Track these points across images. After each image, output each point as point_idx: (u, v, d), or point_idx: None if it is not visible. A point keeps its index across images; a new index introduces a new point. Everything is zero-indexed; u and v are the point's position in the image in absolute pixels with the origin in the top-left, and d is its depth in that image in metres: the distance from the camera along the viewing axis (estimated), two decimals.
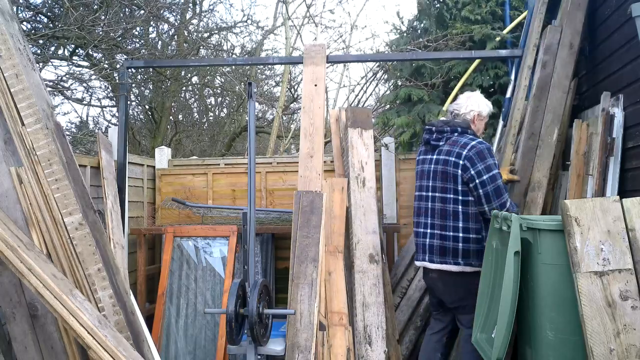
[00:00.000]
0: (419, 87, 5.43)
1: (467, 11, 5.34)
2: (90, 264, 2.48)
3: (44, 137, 2.49)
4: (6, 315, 2.50)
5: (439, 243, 3.06)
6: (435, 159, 3.08)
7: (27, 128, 2.47)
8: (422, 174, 3.16)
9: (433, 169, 3.08)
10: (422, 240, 3.14)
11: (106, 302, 2.49)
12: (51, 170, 2.47)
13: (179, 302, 4.28)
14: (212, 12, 8.89)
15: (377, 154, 5.23)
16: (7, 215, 2.43)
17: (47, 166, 2.47)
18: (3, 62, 2.50)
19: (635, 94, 3.18)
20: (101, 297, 2.49)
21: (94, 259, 2.49)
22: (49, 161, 2.48)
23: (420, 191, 3.17)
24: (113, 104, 7.07)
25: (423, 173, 3.15)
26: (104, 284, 2.49)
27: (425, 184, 3.12)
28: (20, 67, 2.51)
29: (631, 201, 2.52)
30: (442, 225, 3.04)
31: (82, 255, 2.48)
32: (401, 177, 5.34)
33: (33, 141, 2.48)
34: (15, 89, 2.49)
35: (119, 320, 2.50)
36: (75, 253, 2.48)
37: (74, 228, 2.49)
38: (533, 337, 2.75)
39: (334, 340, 3.36)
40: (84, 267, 2.47)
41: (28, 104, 2.49)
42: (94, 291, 2.48)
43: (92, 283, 2.48)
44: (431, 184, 3.09)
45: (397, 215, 5.26)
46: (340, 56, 7.57)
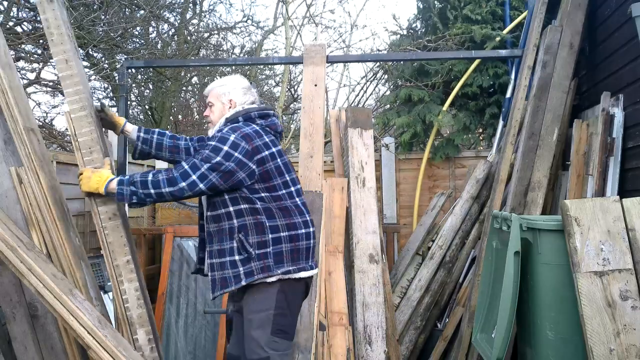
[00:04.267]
0: (419, 87, 5.43)
1: (468, 11, 5.34)
2: (120, 255, 2.46)
3: (87, 125, 2.49)
4: (6, 315, 2.50)
5: None
6: (282, 149, 2.51)
7: (71, 114, 2.48)
8: (287, 166, 2.44)
9: (288, 161, 2.50)
10: (313, 241, 2.45)
11: (131, 295, 2.47)
12: (91, 158, 2.47)
13: (179, 302, 4.28)
14: (212, 12, 8.88)
15: (377, 154, 5.24)
16: (7, 215, 2.43)
17: (87, 153, 2.47)
18: (54, 46, 2.51)
19: (635, 94, 3.18)
20: (126, 288, 2.46)
21: (124, 250, 2.47)
22: (90, 149, 2.48)
23: (295, 185, 2.43)
24: (113, 104, 7.06)
25: (290, 164, 2.47)
26: (131, 276, 2.47)
27: (295, 176, 2.47)
28: (70, 53, 2.52)
29: (631, 201, 2.52)
30: None
31: (113, 246, 2.46)
32: (401, 177, 5.35)
33: (76, 128, 2.48)
34: (63, 74, 2.50)
35: (142, 313, 2.47)
36: (105, 243, 2.46)
37: (107, 217, 2.47)
38: (533, 337, 2.75)
39: (334, 340, 3.36)
40: (112, 258, 2.45)
41: (75, 90, 2.50)
42: (120, 282, 2.46)
43: (119, 274, 2.45)
44: (295, 177, 2.49)
45: (397, 215, 5.27)
46: (340, 56, 7.57)
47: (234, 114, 2.45)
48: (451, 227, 4.16)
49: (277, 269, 2.27)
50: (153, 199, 2.27)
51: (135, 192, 2.26)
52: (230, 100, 2.49)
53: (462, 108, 5.52)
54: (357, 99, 7.91)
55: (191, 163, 2.24)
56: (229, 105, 2.49)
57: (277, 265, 2.27)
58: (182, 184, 2.21)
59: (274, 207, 2.32)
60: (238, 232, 2.28)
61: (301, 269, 2.33)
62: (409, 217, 5.21)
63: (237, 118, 2.43)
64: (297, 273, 2.32)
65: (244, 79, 2.63)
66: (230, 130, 2.32)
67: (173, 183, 2.22)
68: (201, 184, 2.21)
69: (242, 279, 2.26)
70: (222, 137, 2.28)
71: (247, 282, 2.26)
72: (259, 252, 2.26)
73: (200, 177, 2.21)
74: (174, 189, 2.22)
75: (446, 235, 4.14)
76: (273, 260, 2.27)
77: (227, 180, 2.24)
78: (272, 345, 2.26)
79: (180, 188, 2.22)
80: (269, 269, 2.26)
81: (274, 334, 2.27)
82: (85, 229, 4.00)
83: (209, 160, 2.22)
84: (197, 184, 2.21)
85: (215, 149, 2.24)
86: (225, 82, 2.54)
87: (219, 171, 2.21)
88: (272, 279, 2.27)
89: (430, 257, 4.13)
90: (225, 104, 2.49)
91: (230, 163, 2.22)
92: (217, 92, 2.51)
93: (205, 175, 2.21)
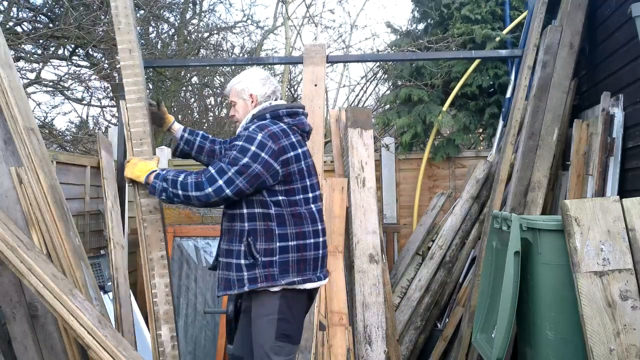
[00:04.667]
0: (419, 87, 5.43)
1: (467, 11, 5.34)
2: (155, 250, 2.47)
3: (141, 117, 2.50)
4: (6, 315, 2.50)
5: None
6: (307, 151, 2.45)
7: (127, 104, 2.49)
8: (310, 169, 2.39)
9: (313, 163, 2.47)
10: (326, 250, 2.40)
11: (160, 290, 2.46)
12: (140, 150, 2.48)
13: (179, 302, 4.28)
14: (212, 12, 8.89)
15: (377, 154, 5.23)
16: (7, 215, 2.43)
17: (137, 144, 2.48)
18: (120, 35, 2.54)
19: (635, 94, 3.18)
20: (157, 283, 2.46)
21: (159, 245, 2.47)
22: (141, 140, 2.49)
23: (314, 191, 2.38)
24: (113, 104, 7.06)
25: (314, 167, 2.46)
26: (163, 271, 2.47)
27: (316, 180, 2.45)
28: (134, 43, 2.54)
29: (631, 201, 2.52)
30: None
31: (149, 239, 2.46)
32: (401, 177, 5.34)
33: (130, 117, 2.49)
34: (125, 63, 2.52)
35: (168, 310, 2.47)
36: (143, 236, 2.47)
37: (147, 210, 2.47)
38: (533, 337, 2.75)
39: (334, 340, 3.37)
40: (147, 251, 2.46)
41: (134, 80, 2.52)
42: (151, 277, 2.46)
43: (151, 268, 2.46)
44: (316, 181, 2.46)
45: (397, 215, 5.26)
46: (340, 56, 7.57)
47: (261, 110, 2.37)
48: (451, 227, 4.16)
49: (282, 279, 2.22)
50: (180, 200, 2.23)
51: (166, 189, 2.23)
52: (250, 95, 2.41)
53: (462, 108, 5.51)
54: (357, 99, 7.91)
55: (218, 167, 2.19)
56: (250, 100, 2.41)
57: (282, 275, 2.22)
58: (209, 189, 2.16)
59: (287, 213, 2.26)
60: (247, 236, 2.24)
61: (307, 280, 2.27)
62: (409, 217, 5.21)
63: (264, 115, 2.35)
64: (302, 284, 2.26)
65: (260, 70, 2.56)
66: (257, 128, 2.25)
67: (200, 187, 2.17)
68: (227, 189, 2.16)
69: (245, 284, 2.22)
70: (249, 136, 2.22)
71: (249, 289, 2.23)
72: (264, 259, 2.22)
73: (227, 182, 2.15)
74: (200, 193, 2.17)
75: (446, 235, 4.14)
76: (278, 270, 2.22)
77: (253, 184, 2.18)
78: (275, 350, 2.23)
79: (206, 193, 2.16)
80: (273, 278, 2.21)
81: (278, 338, 2.24)
82: (85, 229, 4.00)
83: (237, 162, 2.16)
84: (224, 189, 2.15)
85: (242, 149, 2.19)
86: (241, 78, 2.46)
87: (246, 175, 2.15)
88: (275, 288, 2.23)
89: (430, 257, 4.13)
90: (246, 100, 2.42)
91: (257, 165, 2.16)
92: (236, 90, 2.44)
93: (232, 180, 2.15)
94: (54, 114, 13.75)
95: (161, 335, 2.46)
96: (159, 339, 2.46)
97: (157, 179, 2.27)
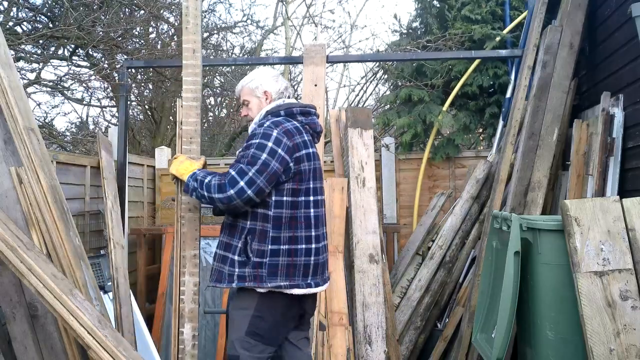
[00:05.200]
0: (420, 87, 5.43)
1: (467, 11, 5.34)
2: (189, 248, 2.49)
3: (195, 116, 2.54)
4: (6, 315, 2.49)
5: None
6: (316, 152, 2.45)
7: (183, 102, 2.54)
8: (316, 172, 2.38)
9: (320, 167, 2.44)
10: (323, 257, 2.38)
11: (189, 289, 2.48)
12: (189, 148, 2.51)
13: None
14: (212, 12, 8.88)
15: (377, 154, 5.24)
16: (7, 215, 2.43)
17: (187, 142, 2.51)
18: (187, 34, 2.57)
19: (635, 94, 3.18)
20: (186, 281, 2.48)
21: (194, 244, 2.50)
22: (191, 139, 2.51)
23: (316, 195, 2.36)
24: (113, 104, 7.06)
25: (320, 171, 2.45)
26: (194, 270, 2.49)
27: (322, 185, 2.44)
28: (198, 44, 2.58)
29: (631, 201, 2.52)
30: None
31: (185, 237, 2.48)
32: (401, 177, 5.34)
33: (184, 116, 2.53)
34: (187, 62, 2.56)
35: (193, 309, 2.49)
36: (179, 232, 2.50)
37: (187, 208, 2.50)
38: (533, 337, 2.75)
39: (334, 340, 3.36)
40: (182, 248, 2.48)
41: (193, 80, 2.56)
42: (182, 274, 2.48)
43: (183, 265, 2.48)
44: (322, 185, 2.46)
45: (397, 215, 5.27)
46: (340, 56, 7.57)
47: (275, 107, 2.38)
48: (451, 227, 4.16)
49: (269, 281, 2.21)
50: (206, 201, 2.25)
51: (196, 189, 2.25)
52: (265, 92, 2.42)
53: (462, 108, 5.52)
54: (357, 99, 7.91)
55: (238, 168, 2.18)
56: (265, 98, 2.42)
57: (269, 277, 2.21)
58: (231, 192, 2.14)
59: (286, 215, 2.25)
60: (247, 234, 2.25)
61: (295, 285, 2.25)
62: (409, 217, 5.21)
63: (278, 112, 2.36)
64: (289, 289, 2.24)
65: (270, 69, 2.59)
66: (272, 124, 2.25)
67: (222, 189, 2.16)
68: (249, 190, 2.14)
69: (234, 280, 2.24)
70: (265, 133, 2.21)
71: (237, 286, 2.25)
72: (255, 260, 2.22)
73: (249, 183, 2.14)
74: (222, 195, 2.16)
75: (446, 235, 4.14)
76: (267, 272, 2.21)
77: (271, 182, 2.19)
78: (244, 345, 2.24)
79: (229, 196, 2.14)
80: (261, 279, 2.21)
81: (248, 334, 2.25)
82: (85, 229, 3.99)
83: (255, 161, 2.16)
84: (245, 190, 2.14)
85: (259, 146, 2.18)
86: (254, 77, 2.47)
87: (266, 173, 2.15)
88: (261, 290, 2.23)
89: (430, 257, 4.13)
90: (261, 98, 2.42)
91: (275, 162, 2.17)
92: (250, 88, 2.44)
93: (253, 180, 2.14)
94: (54, 114, 13.76)
95: (183, 333, 2.48)
96: (181, 337, 2.48)
97: (192, 178, 2.29)
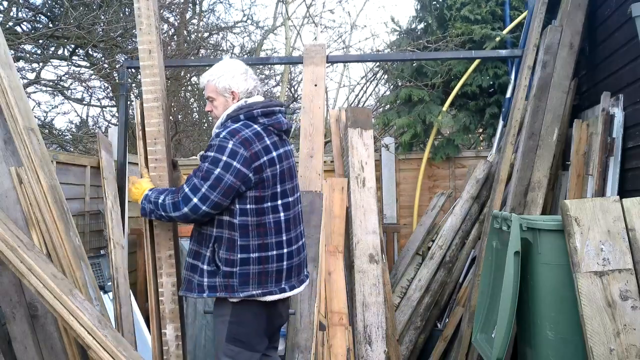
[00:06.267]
0: (420, 87, 5.43)
1: (467, 11, 5.34)
2: (164, 249, 2.49)
3: (157, 116, 2.51)
4: (6, 315, 2.49)
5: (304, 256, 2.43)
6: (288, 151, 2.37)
7: (144, 103, 2.52)
8: (284, 174, 2.29)
9: (291, 166, 2.36)
10: (298, 259, 2.33)
11: (167, 289, 2.48)
12: (154, 149, 2.49)
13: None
14: (212, 12, 8.89)
15: (377, 154, 5.24)
16: (7, 215, 2.43)
17: (151, 144, 2.49)
18: (142, 35, 2.55)
19: (635, 94, 3.18)
20: (164, 282, 2.48)
21: (168, 244, 2.50)
22: (155, 140, 2.49)
23: (285, 197, 2.28)
24: (113, 104, 7.06)
25: (290, 171, 2.34)
26: (171, 270, 2.49)
27: (294, 183, 2.38)
28: (154, 44, 2.56)
29: (631, 201, 2.52)
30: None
31: (159, 238, 2.48)
32: (401, 177, 5.35)
33: (146, 117, 2.51)
34: (144, 63, 2.54)
35: (174, 309, 2.49)
36: (147, 233, 2.51)
37: None
38: (533, 337, 2.75)
39: (334, 340, 3.36)
40: (156, 250, 2.49)
41: (152, 81, 2.54)
42: (159, 275, 2.48)
43: (159, 267, 2.48)
44: (295, 184, 2.40)
45: (397, 215, 5.27)
46: (340, 56, 7.57)
47: (235, 111, 2.28)
48: (451, 227, 4.16)
49: (241, 291, 2.17)
50: (166, 220, 2.24)
51: (153, 210, 2.23)
52: (232, 92, 2.31)
53: (462, 108, 5.52)
54: (357, 99, 7.91)
55: (192, 185, 2.14)
56: (231, 97, 2.31)
57: (241, 286, 2.17)
58: (185, 209, 2.12)
59: (252, 223, 2.19)
60: (214, 242, 2.21)
61: (268, 292, 2.20)
62: (409, 217, 5.21)
63: (238, 116, 2.26)
64: (262, 297, 2.20)
65: (239, 63, 2.44)
66: (228, 135, 2.16)
67: (177, 207, 2.15)
68: (204, 206, 2.11)
69: (205, 290, 2.20)
70: (220, 145, 2.14)
71: (208, 296, 2.21)
72: (225, 269, 2.18)
73: (202, 199, 2.11)
74: (178, 214, 2.15)
75: (446, 235, 4.14)
76: (238, 281, 2.17)
77: (228, 195, 2.13)
78: (227, 352, 2.21)
79: (184, 213, 2.13)
80: (232, 289, 2.17)
81: (229, 341, 2.21)
82: (85, 229, 3.99)
83: (209, 176, 2.11)
84: (200, 206, 2.11)
85: (214, 160, 2.13)
86: (221, 72, 2.32)
87: (220, 188, 2.10)
88: (233, 299, 2.20)
89: (430, 257, 4.13)
90: (227, 97, 2.32)
91: (230, 176, 2.11)
92: (215, 86, 2.32)
93: (207, 196, 2.10)
94: (54, 114, 13.74)
95: (166, 334, 2.47)
96: (164, 338, 2.47)
97: (145, 200, 2.27)
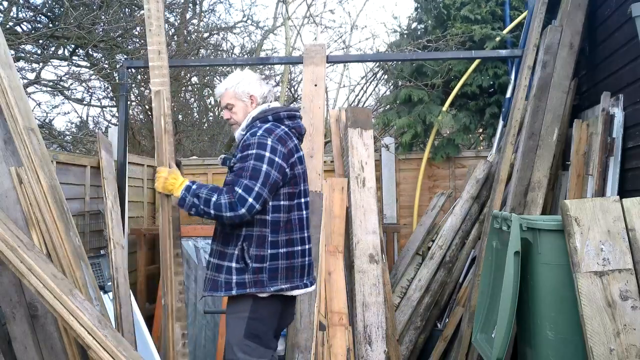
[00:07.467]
0: (419, 87, 5.43)
1: (467, 11, 5.34)
2: (173, 248, 2.53)
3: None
4: (6, 315, 2.49)
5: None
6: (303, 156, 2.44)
7: (153, 102, 2.64)
8: (304, 174, 2.41)
9: (306, 169, 2.45)
10: (309, 258, 2.40)
11: (174, 287, 2.51)
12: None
13: None
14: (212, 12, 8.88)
15: (377, 154, 5.24)
16: (7, 215, 2.43)
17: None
18: (151, 37, 2.64)
19: (635, 94, 3.18)
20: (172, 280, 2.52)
21: (176, 243, 2.54)
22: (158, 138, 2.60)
23: (305, 197, 2.40)
24: (113, 104, 7.05)
25: (306, 173, 2.44)
26: (178, 269, 2.53)
27: (307, 187, 2.44)
28: (163, 45, 2.65)
29: (631, 201, 2.52)
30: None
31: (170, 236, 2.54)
32: (401, 177, 5.35)
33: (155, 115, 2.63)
34: (153, 63, 2.63)
35: (181, 308, 2.51)
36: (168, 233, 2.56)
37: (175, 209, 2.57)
38: (533, 337, 2.75)
39: (334, 340, 3.36)
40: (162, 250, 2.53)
41: (161, 81, 2.65)
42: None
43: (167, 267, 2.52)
44: (307, 188, 2.46)
45: (397, 215, 5.27)
46: (340, 56, 7.57)
47: (261, 113, 2.34)
48: (451, 227, 4.16)
49: (271, 286, 2.21)
50: (210, 217, 2.22)
51: (197, 205, 2.21)
52: (251, 96, 2.37)
53: (462, 108, 5.52)
54: (357, 99, 7.91)
55: (243, 185, 2.13)
56: (250, 102, 2.38)
57: (271, 281, 2.21)
58: (242, 210, 2.12)
59: (282, 219, 2.25)
60: (243, 241, 2.23)
61: (294, 287, 2.27)
62: (409, 217, 5.21)
63: (266, 117, 2.32)
64: (289, 291, 2.26)
65: (252, 72, 2.56)
66: (265, 133, 2.22)
67: (233, 208, 2.12)
68: (257, 204, 2.13)
69: (233, 287, 2.21)
70: (260, 142, 2.19)
71: (237, 293, 2.21)
72: (255, 265, 2.21)
73: (256, 198, 2.12)
74: (234, 214, 2.13)
75: (446, 235, 4.14)
76: (267, 277, 2.21)
77: (272, 192, 2.18)
78: (243, 348, 2.23)
79: (240, 214, 2.12)
80: (262, 284, 2.20)
81: (247, 337, 2.23)
82: (85, 229, 3.99)
83: (258, 174, 2.13)
84: (254, 205, 2.12)
85: (258, 157, 2.16)
86: (239, 80, 2.41)
87: (269, 184, 2.14)
88: (263, 294, 2.22)
89: (430, 257, 4.13)
90: (246, 102, 2.38)
91: (274, 172, 2.16)
92: (235, 92, 2.39)
93: (260, 194, 2.13)
94: (54, 114, 13.73)
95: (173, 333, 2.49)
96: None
97: (188, 193, 2.25)
